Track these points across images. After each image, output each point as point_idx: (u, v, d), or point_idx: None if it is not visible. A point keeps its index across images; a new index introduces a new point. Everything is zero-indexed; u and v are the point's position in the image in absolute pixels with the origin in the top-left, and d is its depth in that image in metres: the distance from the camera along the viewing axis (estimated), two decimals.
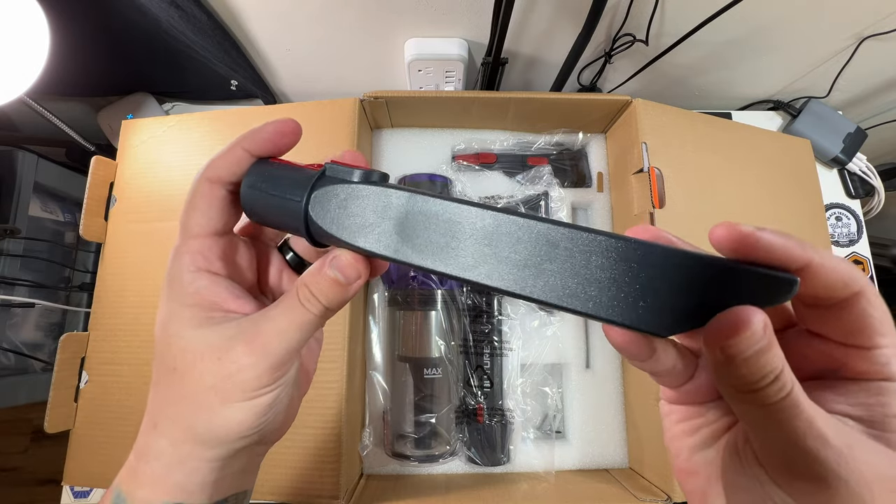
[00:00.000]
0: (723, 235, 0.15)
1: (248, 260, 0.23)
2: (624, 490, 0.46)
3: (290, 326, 0.20)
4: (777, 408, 0.14)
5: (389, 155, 0.60)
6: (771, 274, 0.14)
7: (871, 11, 0.53)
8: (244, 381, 0.19)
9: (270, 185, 0.20)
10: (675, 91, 0.69)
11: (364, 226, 0.19)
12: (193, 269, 0.20)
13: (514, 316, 0.54)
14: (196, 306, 0.20)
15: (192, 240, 0.21)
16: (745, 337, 0.14)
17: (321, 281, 0.20)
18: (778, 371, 0.14)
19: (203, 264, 0.21)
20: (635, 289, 0.15)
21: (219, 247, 0.21)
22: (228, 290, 0.21)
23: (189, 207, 0.21)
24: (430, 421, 0.48)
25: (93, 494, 0.52)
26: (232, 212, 0.21)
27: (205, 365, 0.19)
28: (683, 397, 0.20)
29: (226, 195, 0.21)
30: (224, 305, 0.20)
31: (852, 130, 0.64)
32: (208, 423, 0.19)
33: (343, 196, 0.19)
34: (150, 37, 0.56)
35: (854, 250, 0.64)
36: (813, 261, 0.15)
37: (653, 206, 0.47)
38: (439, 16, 0.55)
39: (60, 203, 0.73)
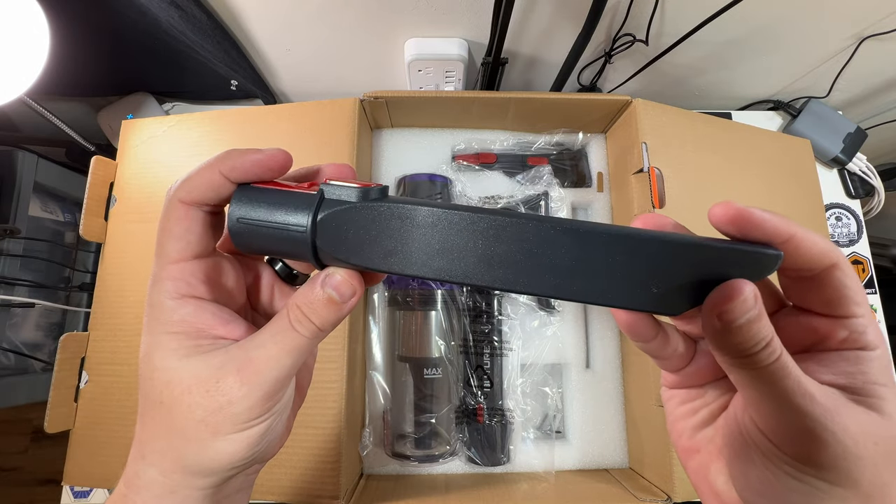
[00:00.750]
0: (721, 212, 0.17)
1: (234, 279, 0.22)
2: (624, 490, 0.46)
3: (282, 352, 0.19)
4: (769, 370, 0.16)
5: (389, 155, 0.60)
6: (759, 251, 0.16)
7: (871, 11, 0.53)
8: (236, 413, 0.18)
9: (266, 215, 0.19)
10: (675, 91, 0.69)
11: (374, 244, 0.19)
12: (176, 295, 0.19)
13: (514, 316, 0.54)
14: (181, 335, 0.19)
15: (172, 265, 0.20)
16: (739, 302, 0.16)
17: (314, 301, 0.19)
18: (769, 338, 0.16)
19: (186, 290, 0.19)
20: (647, 278, 0.17)
21: (201, 270, 0.20)
22: (216, 314, 0.20)
23: (164, 231, 0.20)
24: (430, 421, 0.48)
25: (93, 494, 0.52)
26: (211, 233, 0.20)
27: (193, 398, 0.18)
28: (684, 380, 0.21)
29: (203, 216, 0.20)
30: (212, 332, 0.19)
31: (852, 130, 0.64)
32: (198, 456, 0.19)
33: (348, 218, 0.18)
34: (150, 37, 0.56)
35: (854, 250, 0.64)
36: (796, 234, 0.16)
37: (653, 206, 0.47)
38: (439, 16, 0.55)
39: (60, 203, 0.73)
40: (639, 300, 0.17)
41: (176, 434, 0.19)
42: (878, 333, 0.17)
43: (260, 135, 0.51)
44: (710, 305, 0.16)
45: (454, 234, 0.18)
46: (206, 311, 0.20)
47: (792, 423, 0.16)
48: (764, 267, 0.16)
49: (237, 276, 0.22)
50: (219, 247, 0.22)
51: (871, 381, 0.17)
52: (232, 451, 0.19)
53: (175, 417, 0.19)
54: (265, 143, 0.23)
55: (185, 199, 0.19)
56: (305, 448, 0.42)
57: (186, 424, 0.18)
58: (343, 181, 0.19)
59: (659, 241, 0.17)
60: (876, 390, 0.17)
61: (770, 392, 0.16)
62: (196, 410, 0.18)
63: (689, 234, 0.18)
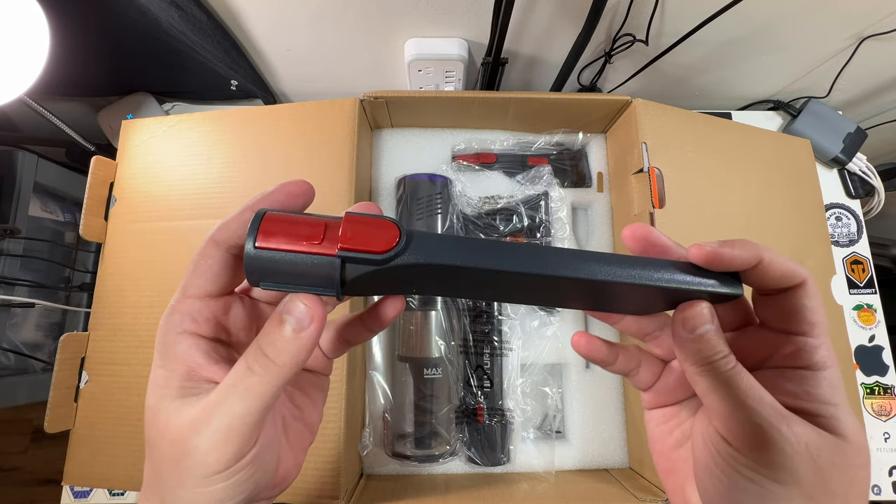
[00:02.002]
0: (698, 254, 0.19)
1: (243, 320, 0.22)
2: (624, 490, 0.46)
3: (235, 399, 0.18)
4: (727, 376, 0.18)
5: (389, 155, 0.60)
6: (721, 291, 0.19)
7: (871, 11, 0.53)
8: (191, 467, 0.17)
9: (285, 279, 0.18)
10: (675, 91, 0.69)
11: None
12: (180, 330, 0.19)
13: (514, 316, 0.54)
14: (174, 372, 0.19)
15: (186, 300, 0.20)
16: (699, 310, 0.19)
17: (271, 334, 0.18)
18: (726, 352, 0.19)
19: (190, 326, 0.20)
20: (630, 306, 0.22)
21: (209, 309, 0.20)
22: (208, 354, 0.19)
23: (193, 268, 0.20)
24: (430, 421, 0.48)
25: (93, 494, 0.52)
26: (232, 275, 0.20)
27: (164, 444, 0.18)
28: (658, 398, 0.24)
29: (229, 259, 0.20)
30: (200, 372, 0.19)
31: (852, 130, 0.64)
32: (173, 502, 0.18)
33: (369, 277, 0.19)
34: (151, 37, 0.56)
35: (854, 250, 0.64)
36: (763, 258, 0.18)
37: (653, 206, 0.47)
38: (439, 16, 0.55)
39: (60, 203, 0.73)
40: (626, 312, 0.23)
41: (157, 477, 0.19)
42: (831, 354, 0.19)
43: (260, 135, 0.51)
44: (678, 314, 0.20)
45: (465, 279, 0.20)
46: (199, 350, 0.19)
47: (746, 423, 0.18)
48: (726, 299, 0.20)
49: (246, 318, 0.22)
50: (239, 290, 0.22)
51: (820, 400, 0.18)
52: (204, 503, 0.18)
53: (155, 459, 0.19)
54: (265, 144, 0.24)
55: (218, 239, 0.20)
56: None
57: (161, 469, 0.18)
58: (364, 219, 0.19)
59: (637, 287, 0.19)
60: (826, 410, 0.18)
61: (728, 396, 0.18)
62: (165, 458, 0.18)
63: (669, 249, 0.22)
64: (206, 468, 0.17)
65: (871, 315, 0.61)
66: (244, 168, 0.50)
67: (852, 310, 0.62)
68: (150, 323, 0.47)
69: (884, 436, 0.57)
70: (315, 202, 0.23)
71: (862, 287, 0.62)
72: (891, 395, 0.58)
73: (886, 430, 0.57)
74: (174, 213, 0.50)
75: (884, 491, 0.55)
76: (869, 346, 0.60)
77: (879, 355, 0.60)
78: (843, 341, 0.52)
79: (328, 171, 0.48)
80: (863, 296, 0.62)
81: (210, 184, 0.50)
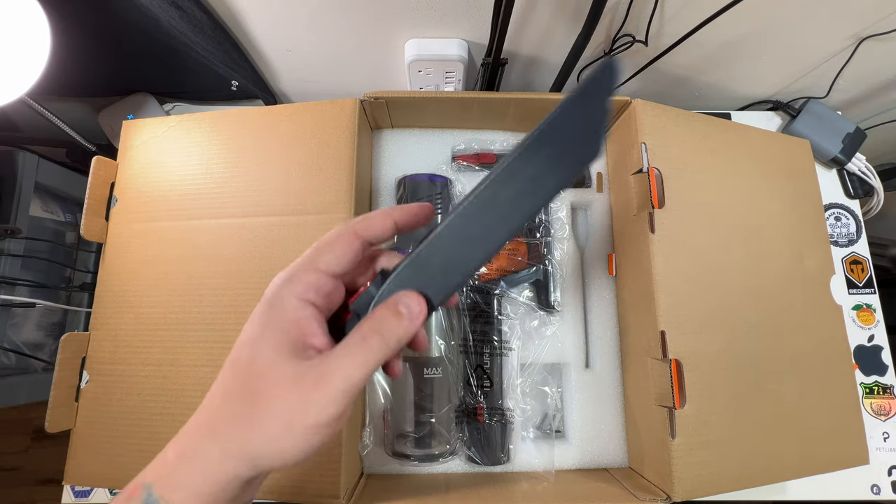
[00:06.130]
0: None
1: (337, 302, 0.25)
2: (624, 490, 0.46)
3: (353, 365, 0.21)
4: None
5: (389, 155, 0.60)
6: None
7: (871, 11, 0.53)
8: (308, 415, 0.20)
9: None
10: (675, 91, 0.69)
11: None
12: (303, 298, 0.22)
13: (513, 316, 0.54)
14: (289, 333, 0.21)
15: (313, 273, 0.22)
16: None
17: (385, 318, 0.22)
18: None
19: (313, 297, 0.22)
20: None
21: (328, 286, 0.23)
22: (319, 326, 0.22)
23: (324, 245, 0.23)
24: (430, 420, 0.48)
25: (93, 494, 0.52)
26: (355, 264, 0.24)
27: (278, 392, 0.20)
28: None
29: (360, 250, 0.24)
30: (310, 339, 0.22)
31: (851, 130, 0.64)
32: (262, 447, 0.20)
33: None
34: (151, 37, 0.56)
35: (853, 250, 0.64)
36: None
37: (652, 207, 0.47)
38: (439, 16, 0.55)
39: (61, 203, 0.74)
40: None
41: (253, 421, 0.20)
42: None
43: (260, 135, 0.51)
44: None
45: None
46: (315, 321, 0.22)
47: None
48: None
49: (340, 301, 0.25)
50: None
51: None
52: (293, 451, 0.20)
53: (258, 405, 0.20)
54: (266, 144, 0.26)
55: (359, 231, 0.24)
56: None
57: (265, 415, 0.20)
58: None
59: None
60: None
61: None
62: (276, 404, 0.20)
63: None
64: (318, 419, 0.20)
65: (870, 315, 0.61)
66: (244, 168, 0.50)
67: (851, 310, 0.62)
68: (150, 323, 0.47)
69: (883, 435, 0.57)
70: (315, 202, 0.26)
71: (861, 287, 0.62)
72: (890, 394, 0.59)
73: (885, 430, 0.57)
74: (175, 213, 0.50)
75: (883, 490, 0.55)
76: (868, 345, 0.60)
77: (879, 355, 0.60)
78: (843, 341, 0.52)
79: (328, 171, 0.48)
80: (862, 296, 0.62)
81: (210, 184, 0.50)
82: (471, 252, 0.23)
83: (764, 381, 0.47)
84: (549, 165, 0.22)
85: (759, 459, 0.45)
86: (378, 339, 0.21)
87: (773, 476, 0.46)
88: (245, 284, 0.47)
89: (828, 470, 0.48)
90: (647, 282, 0.46)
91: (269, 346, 0.21)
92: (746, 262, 0.50)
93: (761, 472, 0.45)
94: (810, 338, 0.50)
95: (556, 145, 0.22)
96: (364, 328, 0.22)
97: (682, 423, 0.43)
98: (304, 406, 0.20)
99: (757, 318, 0.48)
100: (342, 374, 0.21)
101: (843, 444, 0.49)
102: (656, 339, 0.45)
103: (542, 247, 0.54)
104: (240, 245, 0.48)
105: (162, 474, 0.21)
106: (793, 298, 0.51)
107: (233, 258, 0.48)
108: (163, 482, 0.20)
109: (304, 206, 0.48)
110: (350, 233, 0.23)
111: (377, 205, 0.59)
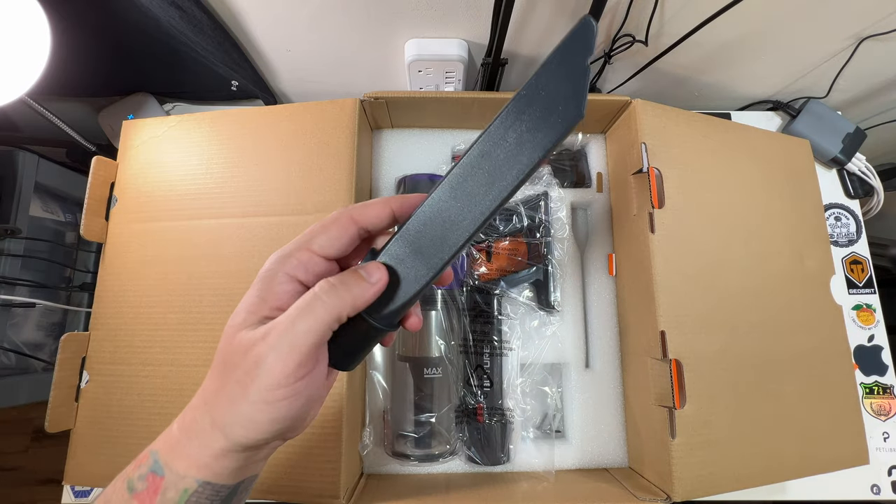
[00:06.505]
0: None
1: None
2: (623, 489, 0.46)
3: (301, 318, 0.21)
4: None
5: (389, 155, 0.60)
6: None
7: (871, 11, 0.53)
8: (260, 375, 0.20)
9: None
10: (675, 91, 0.69)
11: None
12: (291, 274, 0.22)
13: (513, 316, 0.54)
14: (267, 303, 0.22)
15: (306, 251, 0.23)
16: None
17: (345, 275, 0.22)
18: None
19: (301, 275, 0.22)
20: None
21: (319, 267, 0.23)
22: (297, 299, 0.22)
23: (321, 228, 0.23)
24: (430, 420, 0.48)
25: (93, 494, 0.52)
26: (349, 249, 0.24)
27: (236, 360, 0.21)
28: None
29: (356, 236, 0.24)
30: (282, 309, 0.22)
31: (851, 130, 0.64)
32: (231, 420, 0.21)
33: None
34: (151, 37, 0.56)
35: (853, 250, 0.64)
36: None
37: (652, 207, 0.47)
38: (439, 16, 0.55)
39: (61, 203, 0.74)
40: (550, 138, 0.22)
41: (223, 393, 0.21)
42: None
43: (260, 135, 0.51)
44: None
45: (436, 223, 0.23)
46: (296, 295, 0.22)
47: None
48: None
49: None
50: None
51: None
52: (258, 421, 0.21)
53: (228, 377, 0.21)
54: (266, 144, 0.26)
55: (356, 217, 0.24)
56: (305, 448, 0.42)
57: (228, 381, 0.21)
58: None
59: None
60: None
61: None
62: (237, 370, 0.21)
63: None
64: (272, 377, 0.20)
65: (870, 315, 0.61)
66: (244, 168, 0.50)
67: (851, 310, 0.62)
68: (150, 323, 0.47)
69: (883, 435, 0.57)
70: (315, 202, 0.26)
71: (861, 287, 0.62)
72: (890, 394, 0.59)
73: (885, 430, 0.57)
74: (175, 213, 0.50)
75: (883, 490, 0.55)
76: (868, 345, 0.60)
77: (878, 355, 0.60)
78: (843, 341, 0.52)
79: (328, 171, 0.48)
80: (862, 296, 0.62)
81: (210, 184, 0.50)
82: (459, 224, 0.22)
83: (764, 381, 0.47)
84: (533, 128, 0.21)
85: (759, 459, 0.45)
86: (331, 292, 0.21)
87: (773, 476, 0.46)
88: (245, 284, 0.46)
89: (828, 470, 0.48)
90: (647, 282, 0.46)
91: (250, 315, 0.22)
92: (746, 262, 0.50)
93: (761, 472, 0.45)
94: (810, 338, 0.50)
95: (538, 107, 0.21)
96: (318, 286, 0.22)
97: (682, 423, 0.43)
98: (256, 368, 0.20)
99: (757, 318, 0.48)
100: (287, 329, 0.20)
101: (843, 444, 0.49)
102: (656, 339, 0.45)
103: (542, 247, 0.54)
104: (240, 245, 0.48)
105: (167, 444, 0.22)
106: (793, 298, 0.51)
107: (233, 258, 0.48)
108: (167, 451, 0.22)
109: (304, 206, 0.48)
110: (347, 217, 0.23)
111: None
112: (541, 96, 0.21)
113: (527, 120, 0.21)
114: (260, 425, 0.21)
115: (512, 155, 0.21)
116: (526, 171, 0.21)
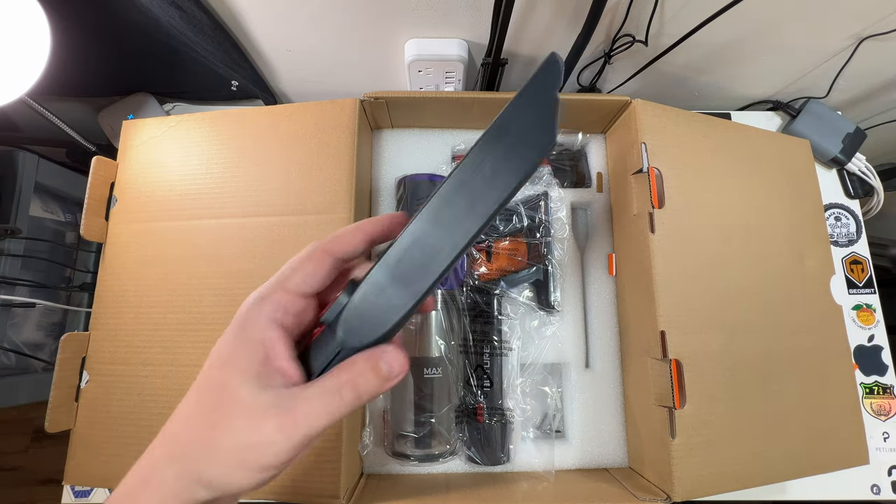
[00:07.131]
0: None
1: (309, 322, 0.24)
2: (623, 489, 0.46)
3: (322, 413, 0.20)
4: None
5: (389, 155, 0.60)
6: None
7: (871, 11, 0.53)
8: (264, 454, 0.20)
9: None
10: (675, 91, 0.69)
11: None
12: (272, 317, 0.22)
13: (513, 316, 0.54)
14: (255, 354, 0.21)
15: (283, 293, 0.22)
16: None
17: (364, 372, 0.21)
18: None
19: (281, 318, 0.22)
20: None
21: (298, 306, 0.23)
22: (287, 348, 0.22)
23: (295, 265, 0.23)
24: (430, 420, 0.48)
25: (93, 494, 0.52)
26: (326, 282, 0.23)
27: (236, 424, 0.20)
28: None
29: (331, 269, 0.23)
30: (276, 363, 0.21)
31: (851, 130, 0.64)
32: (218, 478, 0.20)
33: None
34: (151, 37, 0.56)
35: (853, 250, 0.64)
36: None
37: (652, 207, 0.47)
38: (439, 16, 0.55)
39: (61, 203, 0.74)
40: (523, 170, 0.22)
41: (209, 448, 0.20)
42: None
43: (260, 135, 0.51)
44: None
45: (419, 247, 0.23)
46: (281, 343, 0.22)
47: None
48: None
49: (312, 320, 0.24)
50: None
51: None
52: (245, 485, 0.20)
53: (216, 434, 0.20)
54: (266, 144, 0.25)
55: (329, 249, 0.23)
56: None
57: (221, 445, 0.20)
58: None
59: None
60: None
61: None
62: (234, 437, 0.20)
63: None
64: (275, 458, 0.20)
65: (870, 315, 0.61)
66: (244, 168, 0.50)
67: (851, 310, 0.62)
68: (150, 323, 0.47)
69: (883, 435, 0.57)
70: (315, 202, 0.26)
71: (861, 287, 0.62)
72: (890, 394, 0.59)
73: (885, 430, 0.57)
74: (175, 213, 0.50)
75: (883, 490, 0.55)
76: (868, 345, 0.60)
77: (878, 355, 0.60)
78: (843, 341, 0.52)
79: (328, 171, 0.48)
80: (862, 296, 0.62)
81: (210, 184, 0.50)
82: (439, 251, 0.22)
83: (764, 381, 0.47)
84: (507, 156, 0.22)
85: (759, 459, 0.45)
86: (352, 394, 0.21)
87: (773, 476, 0.46)
88: (245, 284, 0.47)
89: (828, 470, 0.48)
90: (647, 282, 0.46)
91: (236, 370, 0.21)
92: (746, 262, 0.50)
93: (761, 472, 0.45)
94: (810, 338, 0.50)
95: (512, 136, 0.22)
96: (342, 378, 0.21)
97: (682, 423, 0.43)
98: (262, 446, 0.20)
99: (757, 318, 0.48)
100: (307, 422, 0.20)
101: (843, 444, 0.49)
102: (656, 339, 0.45)
103: (542, 247, 0.54)
104: (240, 245, 0.48)
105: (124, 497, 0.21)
106: (793, 298, 0.51)
107: (233, 258, 0.48)
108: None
109: (304, 206, 0.48)
110: (320, 251, 0.23)
111: (377, 205, 0.59)
112: (514, 126, 0.22)
113: (502, 149, 0.22)
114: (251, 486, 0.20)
115: (489, 182, 0.22)
116: (503, 197, 0.22)
